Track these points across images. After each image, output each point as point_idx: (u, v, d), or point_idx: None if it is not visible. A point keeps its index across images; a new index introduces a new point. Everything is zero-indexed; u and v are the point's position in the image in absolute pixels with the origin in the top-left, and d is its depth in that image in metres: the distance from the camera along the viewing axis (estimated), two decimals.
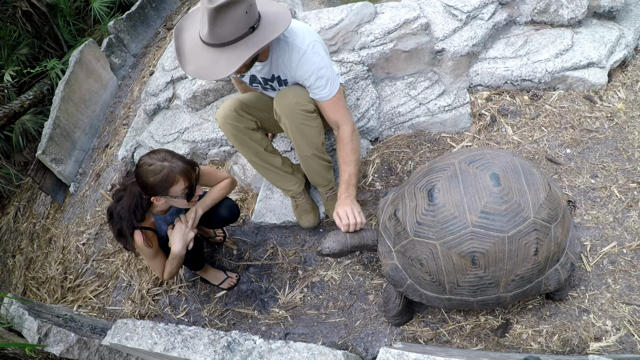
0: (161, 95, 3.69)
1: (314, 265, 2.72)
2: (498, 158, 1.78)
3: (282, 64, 2.19)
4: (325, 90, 2.20)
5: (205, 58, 1.89)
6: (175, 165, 2.04)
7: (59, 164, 4.08)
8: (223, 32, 1.82)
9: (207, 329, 1.92)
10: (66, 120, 4.19)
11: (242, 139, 2.44)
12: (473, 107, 3.05)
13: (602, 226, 2.42)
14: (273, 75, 2.30)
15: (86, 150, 4.45)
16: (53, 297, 3.36)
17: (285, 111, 2.26)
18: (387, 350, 1.65)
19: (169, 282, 2.94)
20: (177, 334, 1.92)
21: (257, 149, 2.51)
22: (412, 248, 1.84)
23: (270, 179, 2.69)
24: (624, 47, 3.04)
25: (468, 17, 2.94)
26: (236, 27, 1.82)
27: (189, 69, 1.95)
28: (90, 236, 3.62)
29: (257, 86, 2.47)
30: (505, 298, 1.87)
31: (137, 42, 5.12)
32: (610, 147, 2.73)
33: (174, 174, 2.03)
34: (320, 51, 2.15)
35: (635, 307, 2.13)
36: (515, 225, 1.69)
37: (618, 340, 2.06)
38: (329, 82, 2.19)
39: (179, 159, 2.08)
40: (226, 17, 1.78)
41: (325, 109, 2.29)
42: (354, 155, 2.31)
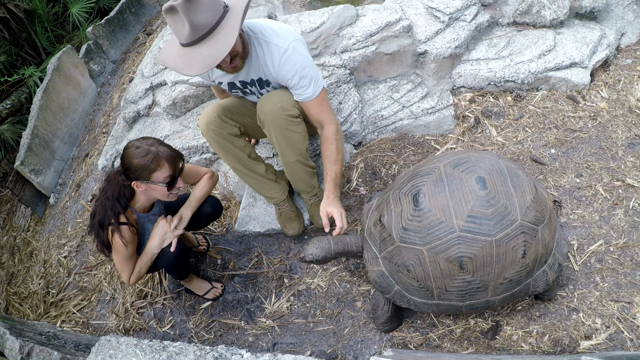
0: (141, 102, 3.63)
1: (300, 273, 2.70)
2: (483, 161, 1.77)
3: (263, 64, 2.16)
4: (309, 90, 2.18)
5: (199, 54, 1.87)
6: (163, 150, 2.06)
7: (38, 174, 3.99)
8: (202, 19, 1.81)
9: (193, 345, 1.87)
10: (45, 130, 4.10)
11: (225, 145, 2.40)
12: (456, 109, 3.06)
13: (588, 225, 2.44)
14: (252, 79, 2.27)
15: (65, 160, 4.35)
16: (36, 313, 3.29)
17: (269, 117, 2.23)
18: (377, 359, 1.62)
19: (153, 294, 2.88)
20: (161, 351, 1.87)
21: (240, 156, 2.47)
22: (399, 254, 1.82)
23: (253, 186, 2.65)
24: (605, 47, 3.08)
25: (450, 18, 2.94)
26: (211, 10, 1.83)
27: (192, 73, 1.91)
28: (71, 249, 3.55)
29: (236, 92, 2.45)
30: (494, 301, 1.86)
31: (117, 48, 5.04)
32: (594, 146, 2.75)
33: (160, 158, 2.04)
34: (301, 50, 2.13)
35: (623, 304, 2.15)
36: (503, 228, 1.68)
37: (608, 337, 2.08)
38: (312, 82, 2.17)
39: (166, 145, 2.10)
40: (197, 4, 1.78)
41: (310, 110, 2.27)
42: (339, 154, 2.30)
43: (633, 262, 2.27)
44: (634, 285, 2.20)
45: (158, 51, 3.80)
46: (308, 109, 2.27)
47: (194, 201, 2.41)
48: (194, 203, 2.41)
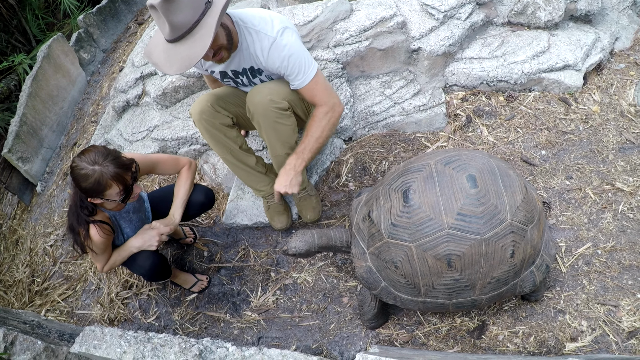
0: (130, 91, 3.59)
1: (287, 267, 2.69)
2: (475, 159, 1.75)
3: (254, 53, 2.15)
4: (299, 77, 2.16)
5: (179, 51, 1.86)
6: (106, 170, 1.93)
7: (25, 162, 3.94)
8: (180, 19, 1.80)
9: (178, 337, 1.85)
10: (33, 118, 4.05)
11: (217, 135, 2.38)
12: (448, 107, 3.04)
13: (576, 227, 2.45)
14: (244, 68, 2.25)
15: (54, 148, 4.30)
16: (21, 301, 3.26)
17: (258, 109, 2.21)
18: (363, 356, 1.60)
19: (139, 285, 2.86)
20: (146, 342, 1.85)
21: (231, 147, 2.45)
22: (387, 250, 1.80)
23: (243, 178, 2.63)
24: (599, 50, 3.08)
25: (445, 16, 2.92)
26: (191, 9, 1.81)
27: (172, 72, 1.91)
28: (57, 237, 3.51)
29: (228, 81, 2.43)
30: (481, 300, 1.85)
31: (107, 37, 4.97)
32: (585, 149, 2.75)
33: (105, 178, 1.93)
34: (290, 37, 2.10)
35: (610, 307, 2.17)
36: (492, 227, 1.66)
37: (593, 340, 2.09)
38: (302, 68, 2.14)
39: (111, 160, 1.96)
40: (176, 4, 1.77)
41: (304, 95, 2.25)
42: (317, 131, 2.25)
43: (620, 265, 2.28)
44: (620, 289, 2.21)
45: (150, 38, 3.75)
46: (302, 94, 2.25)
47: (180, 200, 2.38)
48: (180, 202, 2.37)
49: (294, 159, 2.28)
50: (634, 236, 2.37)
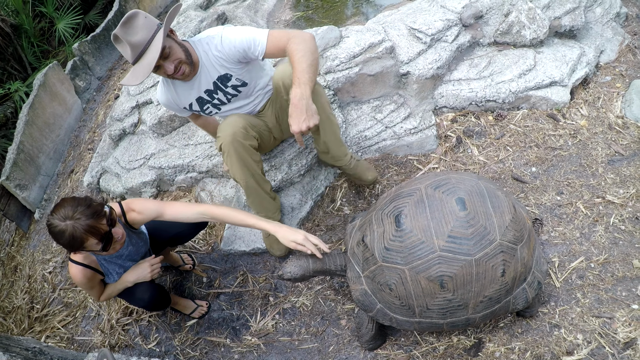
0: (126, 120, 3.66)
1: (285, 292, 2.74)
2: (463, 182, 1.82)
3: (213, 58, 2.29)
4: (258, 40, 2.20)
5: (140, 67, 2.10)
6: (78, 224, 1.89)
7: (23, 190, 4.00)
8: (138, 39, 2.06)
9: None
10: (30, 145, 4.13)
11: (245, 158, 2.42)
12: (439, 129, 3.11)
13: (569, 242, 2.51)
14: (214, 82, 2.37)
15: (51, 175, 4.37)
16: (20, 327, 3.30)
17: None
18: None
19: (139, 311, 2.91)
20: None
21: (255, 171, 2.50)
22: (381, 273, 1.86)
23: (256, 203, 2.66)
24: (585, 65, 3.17)
25: (432, 40, 3.00)
26: (146, 29, 2.08)
27: (136, 81, 2.12)
28: (56, 264, 3.57)
29: (208, 108, 2.53)
30: (474, 319, 1.90)
31: (102, 65, 5.07)
32: (575, 164, 2.82)
33: (79, 233, 1.90)
34: (232, 27, 2.29)
35: (605, 319, 2.21)
36: (482, 248, 1.72)
37: (590, 353, 2.12)
38: (255, 34, 2.21)
39: (82, 212, 1.92)
40: (133, 27, 2.06)
41: (272, 51, 2.24)
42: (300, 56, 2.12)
43: (614, 277, 2.33)
44: (614, 301, 2.26)
45: None
46: (271, 52, 2.25)
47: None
48: None
49: (296, 89, 2.07)
50: (626, 247, 2.43)
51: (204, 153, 3.15)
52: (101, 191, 3.75)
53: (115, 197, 3.58)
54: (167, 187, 3.39)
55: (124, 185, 3.42)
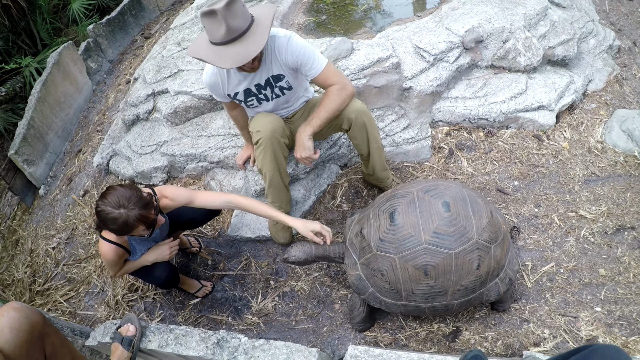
0: (141, 106, 4.01)
1: (285, 277, 3.11)
2: (450, 189, 2.31)
3: (274, 57, 2.55)
4: (315, 65, 2.57)
5: (234, 51, 2.27)
6: (132, 213, 2.18)
7: (30, 165, 4.32)
8: (237, 24, 2.24)
9: (197, 329, 2.32)
10: (40, 122, 4.45)
11: (278, 155, 2.77)
12: (434, 140, 3.54)
13: (542, 249, 2.89)
14: (267, 78, 2.64)
15: (58, 153, 4.70)
16: (20, 300, 3.53)
17: (363, 110, 2.77)
18: (355, 347, 2.10)
19: (144, 288, 3.25)
20: (169, 333, 2.33)
21: (282, 166, 2.86)
22: (375, 261, 2.34)
23: (275, 193, 2.99)
24: (572, 92, 3.60)
25: (435, 59, 3.41)
26: (243, 18, 2.27)
27: (227, 64, 2.28)
28: (61, 240, 3.86)
29: (252, 100, 2.76)
30: (452, 305, 2.38)
31: (115, 48, 5.45)
32: (554, 181, 3.23)
33: (132, 221, 2.19)
34: (299, 37, 2.57)
35: (570, 318, 2.58)
36: (461, 244, 2.20)
37: (554, 346, 2.48)
38: (316, 58, 2.57)
39: (135, 203, 2.20)
40: (235, 11, 2.22)
41: (320, 81, 2.63)
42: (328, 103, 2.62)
43: (580, 283, 2.72)
44: (580, 303, 2.64)
45: (162, 57, 4.22)
46: (319, 82, 2.63)
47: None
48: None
49: (305, 126, 2.62)
50: (594, 257, 2.81)
51: (216, 145, 3.54)
52: (110, 173, 4.09)
53: (125, 180, 3.92)
54: (177, 173, 3.77)
55: (135, 169, 3.76)
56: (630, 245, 2.87)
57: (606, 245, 2.88)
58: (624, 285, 2.70)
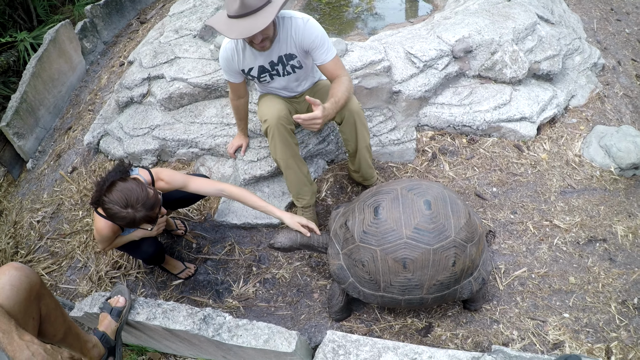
0: (136, 89, 4.06)
1: (268, 264, 3.19)
2: (432, 189, 2.43)
3: (289, 37, 2.64)
4: (328, 51, 2.69)
5: (242, 24, 2.37)
6: (139, 214, 2.29)
7: (20, 138, 4.36)
8: (251, 1, 2.34)
9: (184, 305, 2.41)
10: (33, 97, 4.48)
11: (287, 140, 2.86)
12: (418, 143, 3.66)
13: (516, 254, 3.01)
14: (280, 56, 2.74)
15: (47, 129, 4.74)
16: None
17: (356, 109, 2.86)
18: (333, 332, 2.21)
19: (128, 266, 3.31)
20: (157, 307, 2.42)
21: (295, 151, 2.94)
22: (357, 252, 2.45)
23: (294, 182, 3.05)
24: (554, 106, 3.73)
25: (425, 65, 3.52)
26: None
27: (233, 35, 2.39)
28: (46, 215, 3.90)
29: (264, 76, 2.85)
30: (427, 299, 2.49)
31: (110, 30, 5.48)
32: (531, 190, 3.35)
33: (138, 220, 2.31)
34: (315, 21, 2.67)
35: (538, 322, 2.69)
36: (440, 241, 2.32)
37: (522, 347, 2.59)
38: (329, 44, 2.70)
39: (143, 204, 2.30)
40: None
41: (329, 69, 2.73)
42: (343, 90, 2.67)
43: (550, 289, 2.83)
44: (549, 308, 2.75)
45: (159, 43, 4.29)
46: (327, 69, 2.73)
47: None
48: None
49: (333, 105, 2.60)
50: (565, 265, 2.93)
51: (208, 132, 3.63)
52: (99, 152, 4.14)
53: (115, 160, 3.96)
54: (167, 157, 3.84)
55: (126, 150, 3.83)
56: (601, 257, 2.99)
57: (577, 255, 3.01)
58: (592, 294, 2.83)
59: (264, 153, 3.46)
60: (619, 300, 2.79)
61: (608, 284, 2.87)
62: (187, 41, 4.19)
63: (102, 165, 4.06)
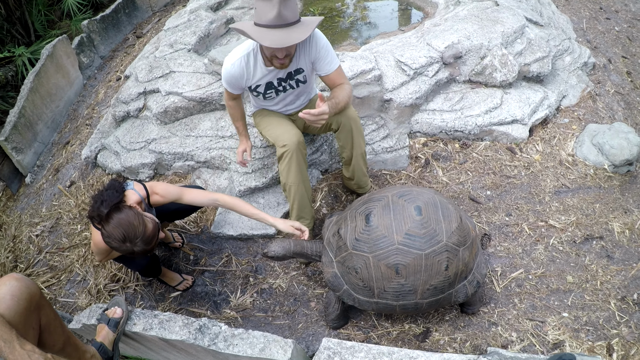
0: (132, 104, 4.10)
1: (264, 274, 3.20)
2: (422, 194, 2.44)
3: (300, 50, 2.65)
4: (333, 62, 2.73)
5: (277, 34, 2.36)
6: (137, 248, 2.35)
7: (19, 153, 4.38)
8: (287, 14, 2.35)
9: (180, 315, 2.43)
10: (31, 112, 4.51)
11: (302, 165, 2.88)
12: (411, 150, 3.68)
13: (512, 256, 3.02)
14: (289, 72, 2.76)
15: (46, 143, 4.76)
16: None
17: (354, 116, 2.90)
18: (328, 339, 2.22)
19: (126, 279, 3.31)
20: (153, 317, 2.44)
21: (306, 176, 2.96)
22: (350, 259, 2.46)
23: (300, 205, 3.05)
24: (546, 107, 3.76)
25: (415, 73, 3.56)
26: (294, 12, 2.39)
27: (267, 42, 2.36)
28: (44, 229, 3.90)
29: (270, 92, 2.86)
30: (422, 304, 2.49)
31: (107, 45, 5.53)
32: (525, 192, 3.36)
33: (136, 253, 2.38)
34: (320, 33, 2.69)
35: (537, 322, 2.69)
36: (431, 245, 2.33)
37: (521, 348, 2.58)
38: (333, 54, 2.73)
39: (141, 238, 2.35)
40: (288, 3, 2.34)
41: (333, 79, 2.77)
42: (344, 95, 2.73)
43: (548, 289, 2.83)
44: (547, 308, 2.75)
45: (155, 57, 4.31)
46: (331, 78, 2.76)
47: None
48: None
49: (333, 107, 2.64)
50: (562, 265, 2.94)
51: (204, 145, 3.66)
52: (97, 166, 4.16)
53: (112, 174, 3.99)
54: (164, 170, 3.86)
55: (123, 163, 3.84)
56: (598, 254, 3.00)
57: (574, 254, 3.01)
58: (591, 292, 2.83)
59: (259, 164, 3.48)
60: (619, 296, 2.79)
61: (606, 281, 2.87)
62: (182, 55, 4.22)
63: (100, 179, 4.08)
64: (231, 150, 3.63)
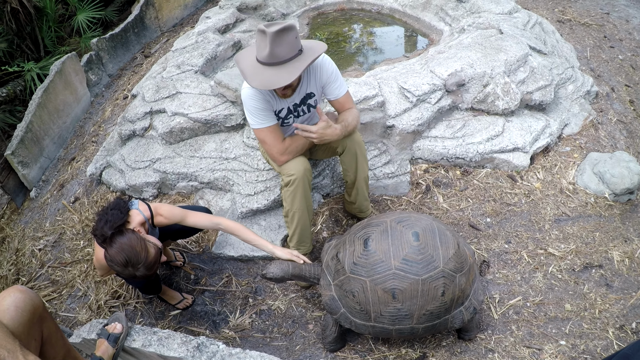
0: (138, 123, 4.19)
1: (264, 295, 3.25)
2: (420, 221, 2.53)
3: (311, 75, 2.73)
4: (342, 86, 2.82)
5: (266, 74, 2.40)
6: (139, 273, 2.42)
7: (25, 167, 4.47)
8: (280, 51, 2.35)
9: (179, 333, 2.48)
10: (38, 127, 4.62)
11: (307, 193, 2.93)
12: (412, 176, 3.76)
13: (510, 283, 3.06)
14: (302, 97, 2.83)
15: (52, 159, 4.86)
16: None
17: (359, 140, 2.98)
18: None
19: (127, 296, 3.37)
20: (152, 334, 2.50)
21: (310, 203, 3.02)
22: (348, 282, 2.54)
23: (301, 231, 3.10)
24: (547, 135, 3.83)
25: (418, 100, 3.64)
26: (290, 48, 2.38)
27: (254, 84, 2.40)
28: (47, 243, 3.97)
29: (289, 117, 2.90)
30: (418, 329, 2.55)
31: (115, 63, 5.67)
32: (525, 219, 3.41)
33: (137, 277, 2.47)
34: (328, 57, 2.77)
35: (534, 350, 2.72)
36: (428, 271, 2.40)
37: None
38: (342, 79, 2.81)
39: (143, 263, 2.41)
40: (283, 39, 2.33)
41: (342, 103, 2.86)
42: (352, 118, 2.82)
43: (546, 317, 2.86)
44: (545, 336, 2.77)
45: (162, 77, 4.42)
46: (340, 103, 2.85)
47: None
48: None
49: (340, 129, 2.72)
50: (561, 293, 2.97)
51: (207, 166, 3.74)
52: (102, 183, 4.24)
53: (116, 192, 4.06)
54: (167, 190, 3.93)
55: (127, 182, 3.92)
56: (597, 283, 3.04)
57: (573, 282, 3.05)
58: (589, 320, 2.87)
59: (261, 187, 3.55)
60: (617, 325, 2.83)
61: (605, 310, 2.90)
62: (189, 76, 4.32)
63: (104, 196, 4.15)
64: (234, 172, 3.70)
